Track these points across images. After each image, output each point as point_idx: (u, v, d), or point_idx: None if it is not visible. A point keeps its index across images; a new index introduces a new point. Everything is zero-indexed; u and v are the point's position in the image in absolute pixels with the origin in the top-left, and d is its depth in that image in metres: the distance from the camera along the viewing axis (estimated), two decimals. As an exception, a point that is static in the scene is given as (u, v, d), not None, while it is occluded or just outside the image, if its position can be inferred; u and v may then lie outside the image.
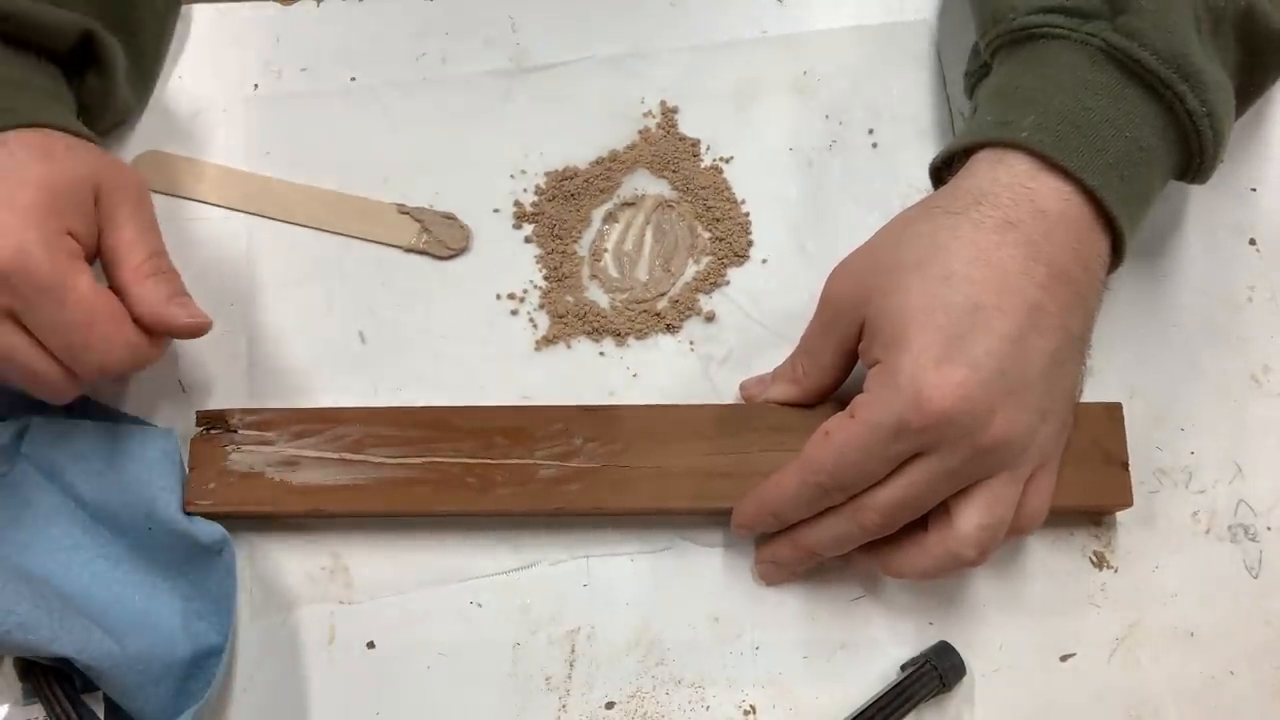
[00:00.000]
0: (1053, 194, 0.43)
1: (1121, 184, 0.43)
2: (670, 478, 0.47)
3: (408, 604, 0.49)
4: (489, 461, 0.48)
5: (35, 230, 0.42)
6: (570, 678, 0.48)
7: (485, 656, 0.48)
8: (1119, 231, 0.44)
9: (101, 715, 0.45)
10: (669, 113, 0.56)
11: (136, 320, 0.45)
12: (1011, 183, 0.43)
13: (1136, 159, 0.43)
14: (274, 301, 0.53)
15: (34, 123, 0.45)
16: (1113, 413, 0.48)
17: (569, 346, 0.52)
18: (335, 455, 0.48)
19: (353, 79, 0.57)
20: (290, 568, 0.49)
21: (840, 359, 0.47)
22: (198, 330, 0.47)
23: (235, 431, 0.49)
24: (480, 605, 0.49)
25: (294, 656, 0.48)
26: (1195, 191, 0.54)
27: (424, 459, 0.48)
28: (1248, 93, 0.47)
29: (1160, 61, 0.43)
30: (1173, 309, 0.52)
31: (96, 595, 0.47)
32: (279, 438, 0.48)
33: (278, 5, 0.59)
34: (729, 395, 0.51)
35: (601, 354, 0.52)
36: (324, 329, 0.53)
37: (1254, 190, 0.54)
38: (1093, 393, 0.51)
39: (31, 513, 0.48)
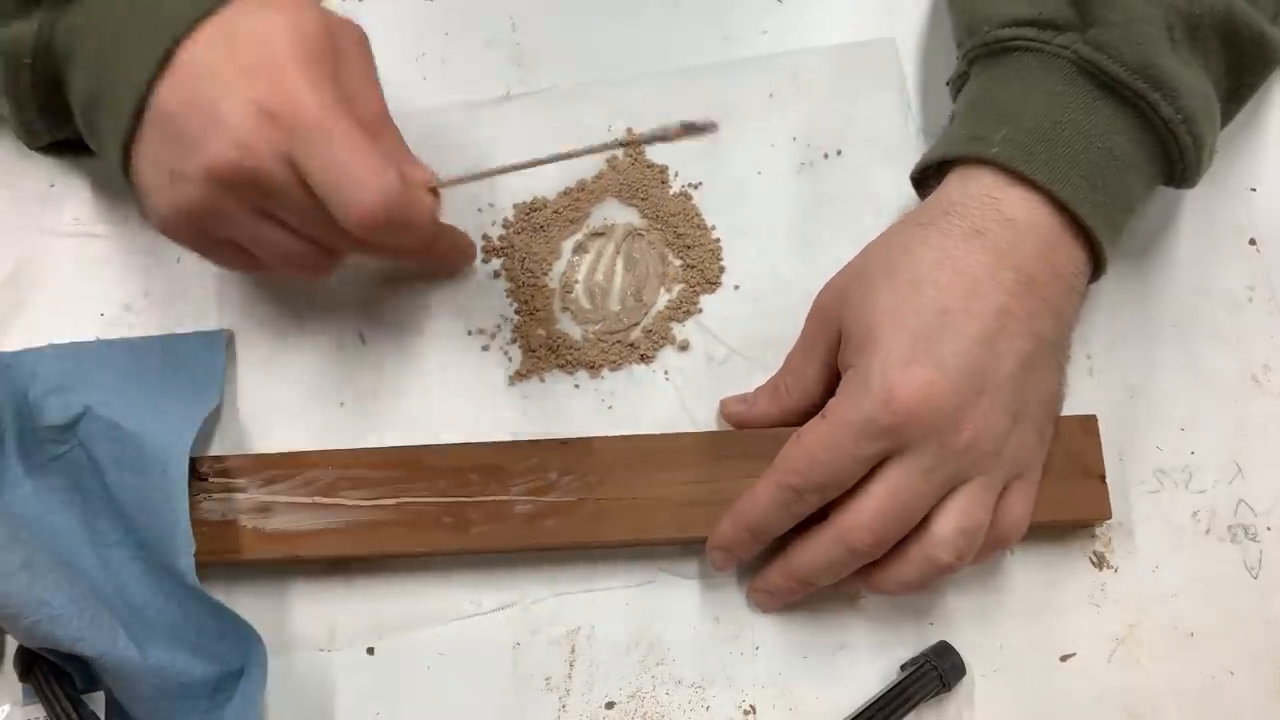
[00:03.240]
0: (1020, 204, 0.44)
1: (1094, 193, 0.44)
2: (649, 509, 0.47)
3: (409, 606, 0.49)
4: (464, 500, 0.47)
5: (305, 74, 0.41)
6: (570, 678, 0.48)
7: (485, 656, 0.48)
8: (1095, 239, 0.44)
9: (102, 715, 0.45)
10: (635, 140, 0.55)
11: None
12: (980, 194, 0.44)
13: (1110, 168, 0.44)
14: (245, 338, 0.53)
15: None
16: (1088, 425, 0.48)
17: (543, 380, 0.52)
18: (308, 500, 0.47)
19: (353, 79, 0.57)
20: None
21: (822, 373, 0.47)
22: (431, 189, 0.46)
23: (205, 479, 0.48)
24: (479, 604, 0.49)
25: (294, 657, 0.48)
26: (1195, 191, 0.53)
27: (398, 500, 0.47)
28: (1239, 94, 0.48)
29: (1130, 73, 0.43)
30: (1173, 309, 0.52)
31: (129, 596, 0.46)
32: (250, 484, 0.48)
33: (278, 5, 0.59)
34: (705, 423, 0.51)
35: (576, 386, 0.52)
36: (299, 368, 0.52)
37: (1254, 190, 0.54)
38: (1093, 392, 0.51)
39: (82, 499, 0.48)
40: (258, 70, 0.41)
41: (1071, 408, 0.50)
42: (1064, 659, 0.48)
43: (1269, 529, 0.49)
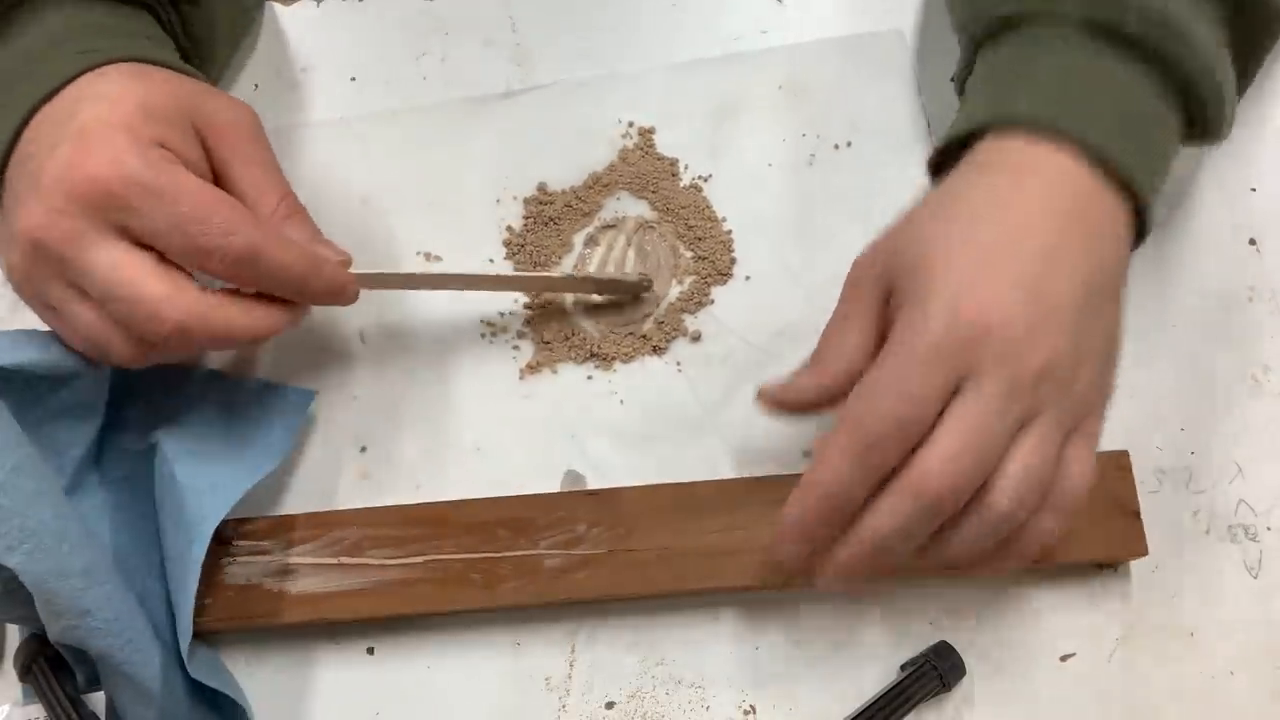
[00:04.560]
0: (1056, 157, 0.42)
1: (1126, 141, 0.42)
2: (680, 559, 0.46)
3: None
4: (493, 555, 0.47)
5: (126, 137, 0.40)
6: (570, 678, 0.48)
7: (485, 656, 0.48)
8: (1136, 190, 0.42)
9: (102, 715, 0.45)
10: (646, 133, 0.55)
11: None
12: (1014, 150, 0.42)
13: (1136, 121, 0.43)
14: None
15: (132, 56, 0.44)
16: (1120, 461, 0.48)
17: (554, 372, 0.52)
18: (334, 560, 0.47)
19: (352, 79, 0.57)
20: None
21: (864, 340, 0.43)
22: (347, 266, 0.45)
23: (229, 543, 0.47)
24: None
25: (293, 657, 0.48)
26: (1195, 191, 0.54)
27: (425, 557, 0.47)
28: (1243, 55, 0.46)
29: (1143, 24, 0.42)
30: (1173, 309, 0.52)
31: (162, 628, 0.46)
32: (275, 546, 0.47)
33: (277, 5, 0.59)
34: (719, 416, 0.51)
35: (589, 378, 0.52)
36: (308, 367, 0.52)
37: (1254, 190, 0.54)
38: (1093, 393, 0.51)
39: (142, 523, 0.48)
40: (85, 135, 0.40)
41: (1071, 408, 0.50)
42: (1064, 659, 0.48)
43: (1269, 529, 0.49)
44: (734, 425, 0.51)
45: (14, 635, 0.48)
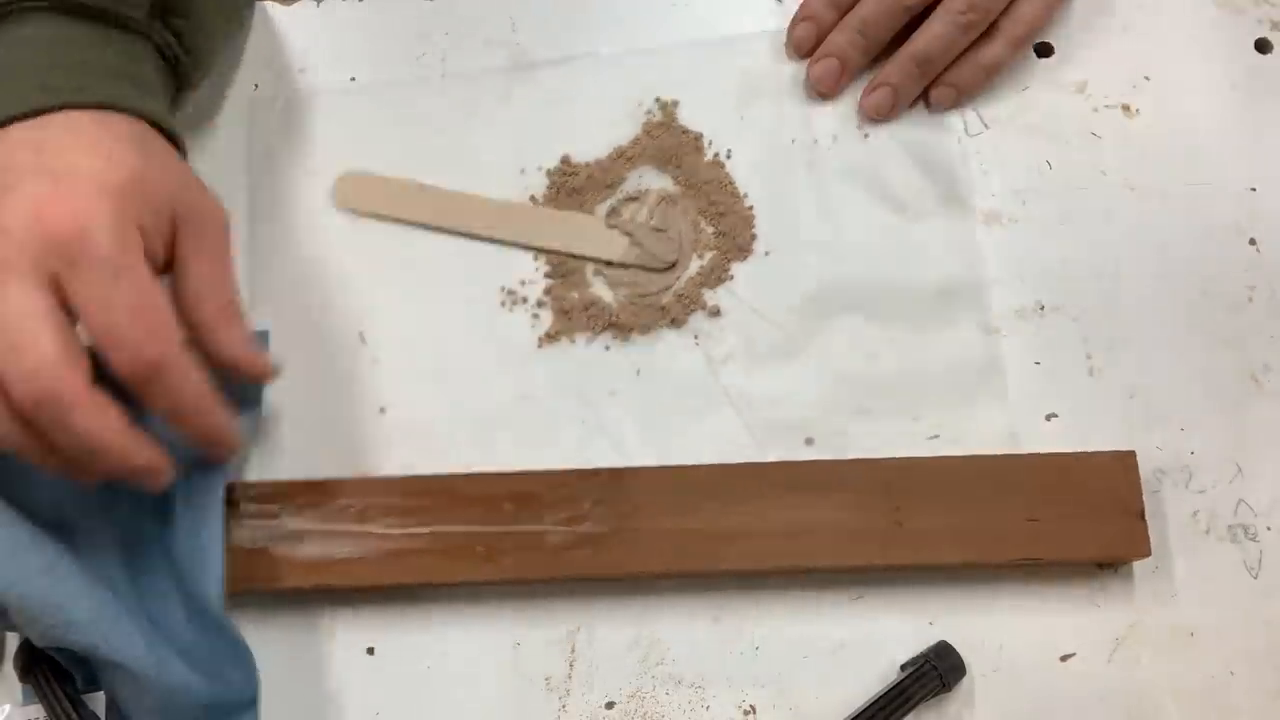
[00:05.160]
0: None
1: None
2: (683, 539, 0.47)
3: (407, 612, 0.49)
4: (497, 529, 0.47)
5: (112, 205, 0.40)
6: (570, 678, 0.48)
7: (485, 656, 0.48)
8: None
9: (102, 715, 0.45)
10: (670, 107, 0.56)
11: (215, 359, 0.44)
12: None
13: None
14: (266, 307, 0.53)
15: (135, 109, 0.44)
16: (1126, 461, 0.48)
17: (572, 342, 0.52)
18: (341, 527, 0.47)
19: (352, 79, 0.57)
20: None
21: None
22: (265, 377, 0.46)
23: (238, 505, 0.48)
24: (479, 602, 0.49)
25: (294, 657, 0.48)
26: (1195, 191, 0.54)
27: (430, 528, 0.47)
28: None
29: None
30: (1173, 309, 0.52)
31: (151, 608, 0.46)
32: (283, 511, 0.48)
33: (277, 5, 0.59)
34: (734, 390, 0.51)
35: (606, 349, 0.52)
36: (324, 327, 0.53)
37: (1254, 190, 0.54)
38: (1093, 392, 0.51)
39: (115, 502, 0.47)
40: (73, 181, 0.40)
41: (1072, 407, 0.51)
42: (1064, 659, 0.48)
43: (1269, 529, 0.49)
44: (749, 400, 0.51)
45: (13, 636, 0.48)
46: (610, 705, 0.47)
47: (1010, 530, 0.47)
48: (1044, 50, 0.56)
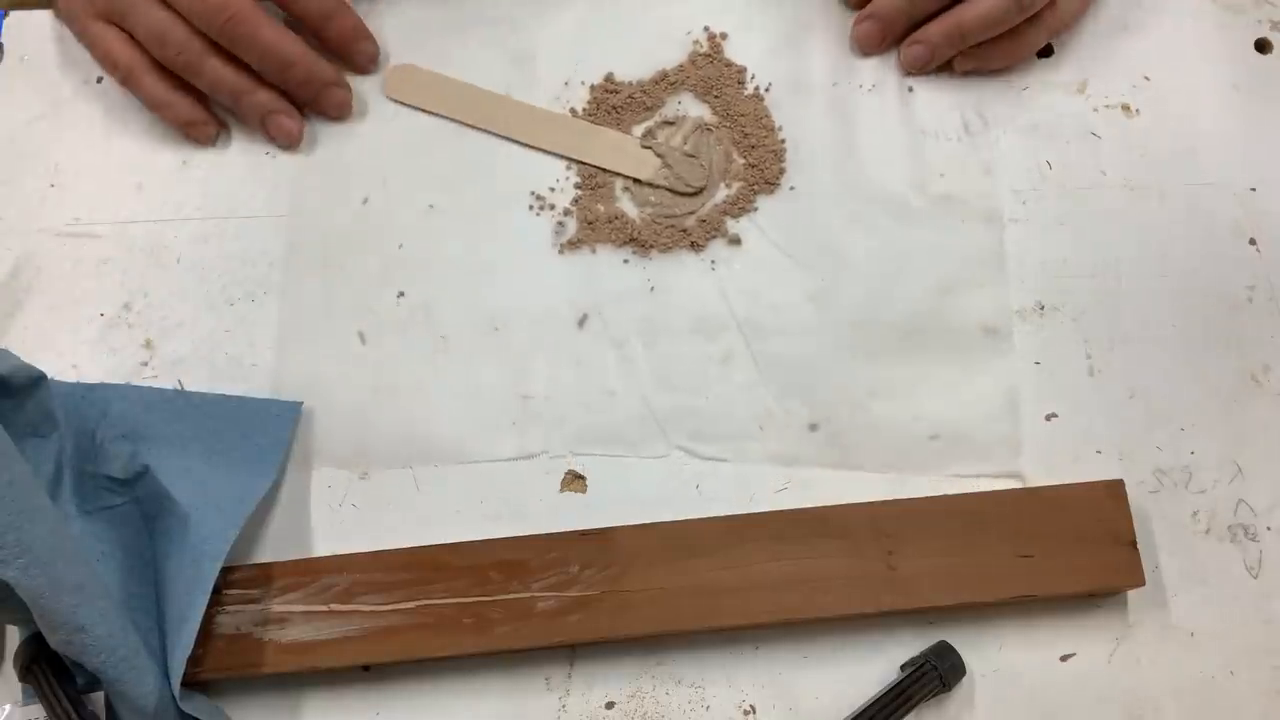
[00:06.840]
0: None
1: None
2: (674, 598, 0.46)
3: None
4: (485, 599, 0.47)
5: None
6: (570, 678, 0.48)
7: (485, 657, 0.48)
8: None
9: (102, 715, 0.45)
10: (718, 39, 0.57)
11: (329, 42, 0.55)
12: None
13: None
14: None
15: None
16: (1115, 490, 0.47)
17: (593, 251, 0.54)
18: (324, 607, 0.47)
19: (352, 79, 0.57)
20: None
21: None
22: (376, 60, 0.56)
23: (219, 591, 0.47)
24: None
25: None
26: (1195, 191, 0.54)
27: (417, 602, 0.47)
28: None
29: None
30: (1173, 309, 0.52)
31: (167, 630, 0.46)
32: (264, 594, 0.47)
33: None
34: (742, 317, 0.52)
35: (625, 262, 0.53)
36: (343, 208, 0.55)
37: (1254, 190, 0.54)
38: (1093, 392, 0.51)
39: (122, 554, 0.47)
40: None
41: (1072, 407, 0.51)
42: (1064, 659, 0.48)
43: (1269, 529, 0.49)
44: (756, 328, 0.52)
45: (14, 635, 0.48)
46: (610, 705, 0.47)
47: (1003, 568, 0.46)
48: (1044, 50, 0.56)
